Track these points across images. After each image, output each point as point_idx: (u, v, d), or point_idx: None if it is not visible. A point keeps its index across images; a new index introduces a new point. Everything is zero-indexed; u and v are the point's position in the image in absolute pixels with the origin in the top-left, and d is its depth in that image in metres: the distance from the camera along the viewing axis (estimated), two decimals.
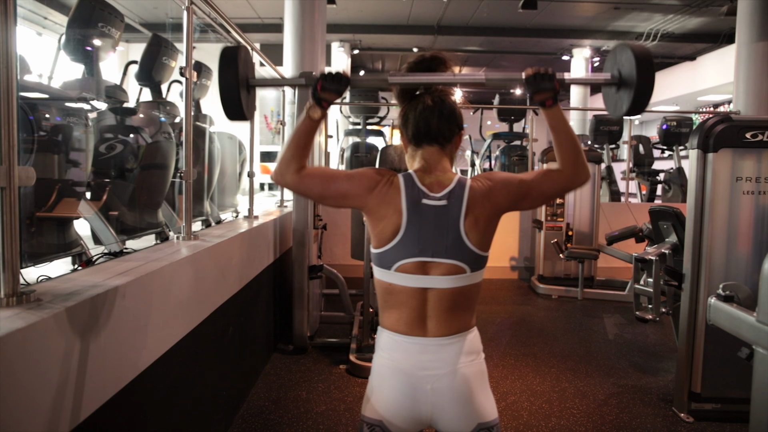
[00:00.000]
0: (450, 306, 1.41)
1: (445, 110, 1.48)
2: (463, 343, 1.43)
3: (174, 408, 2.10)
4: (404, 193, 1.41)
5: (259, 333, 3.60)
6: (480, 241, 1.40)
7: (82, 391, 1.42)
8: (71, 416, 1.38)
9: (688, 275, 3.09)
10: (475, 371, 1.43)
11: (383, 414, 1.43)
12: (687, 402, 3.11)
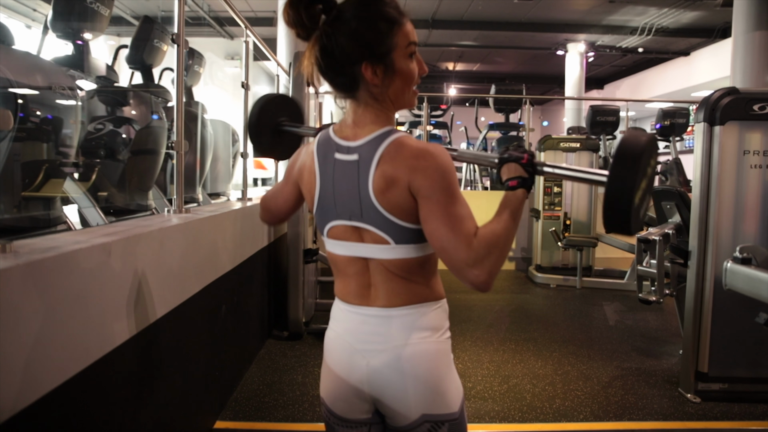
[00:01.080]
0: (393, 276, 1.19)
1: (330, 47, 1.13)
2: (416, 318, 1.19)
3: (163, 383, 1.99)
4: (316, 150, 1.21)
5: (253, 317, 3.50)
6: (397, 209, 1.13)
7: (55, 355, 1.31)
8: (38, 383, 1.25)
9: (694, 252, 3.01)
10: (429, 350, 1.19)
11: (325, 393, 1.26)
12: (694, 382, 3.03)
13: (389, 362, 1.18)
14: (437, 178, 1.09)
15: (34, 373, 1.21)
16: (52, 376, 1.28)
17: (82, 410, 1.43)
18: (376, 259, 1.18)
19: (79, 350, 1.39)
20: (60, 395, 1.30)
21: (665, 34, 11.70)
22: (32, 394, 1.21)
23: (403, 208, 1.13)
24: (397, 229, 1.15)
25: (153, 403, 1.90)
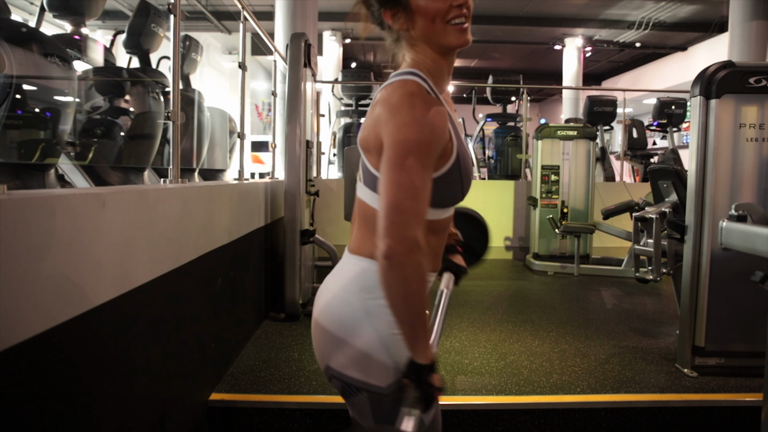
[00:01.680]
0: (360, 222, 1.20)
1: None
2: (355, 270, 1.17)
3: (157, 347, 1.98)
4: None
5: (249, 297, 3.49)
6: (366, 147, 1.13)
7: (42, 299, 1.30)
8: (19, 326, 1.23)
9: (690, 226, 3.01)
10: (352, 304, 1.15)
11: None
12: (691, 357, 3.03)
13: (319, 305, 1.21)
14: (390, 132, 1.04)
15: (16, 315, 1.21)
16: (34, 322, 1.27)
17: (66, 364, 1.41)
18: (357, 198, 1.21)
19: (69, 298, 1.39)
20: (42, 343, 1.29)
21: (662, 29, 11.73)
22: (11, 338, 1.20)
23: (369, 149, 1.12)
24: (364, 168, 1.16)
25: (147, 368, 1.89)
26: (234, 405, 2.58)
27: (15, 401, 1.18)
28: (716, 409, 2.68)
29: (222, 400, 2.59)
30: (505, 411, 2.61)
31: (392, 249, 1.00)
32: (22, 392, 1.20)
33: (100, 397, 1.55)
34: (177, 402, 2.18)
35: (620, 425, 2.63)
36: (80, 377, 1.45)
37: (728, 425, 2.67)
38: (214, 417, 2.55)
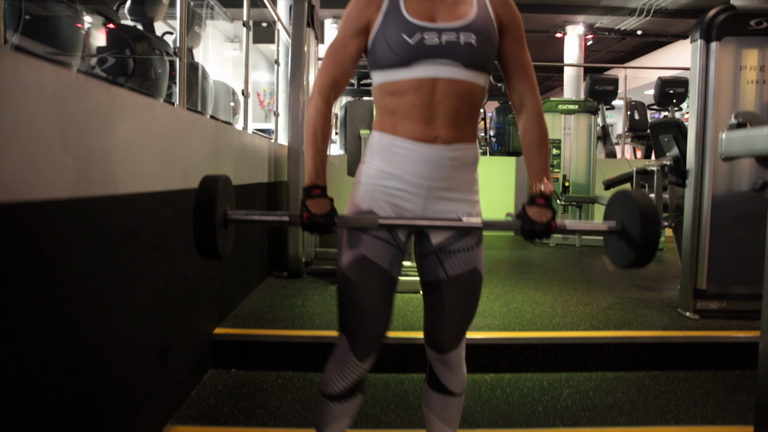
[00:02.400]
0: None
1: None
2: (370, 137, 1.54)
3: (157, 271, 1.99)
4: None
5: (253, 249, 3.52)
6: None
7: (51, 164, 1.32)
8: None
9: (692, 170, 3.03)
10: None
11: None
12: (692, 301, 3.05)
13: None
14: None
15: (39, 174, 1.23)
16: (53, 186, 1.29)
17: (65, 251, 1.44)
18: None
19: (74, 178, 1.40)
20: (53, 210, 1.31)
21: (664, 15, 11.74)
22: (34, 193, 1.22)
23: None
24: None
25: (144, 293, 1.91)
26: (237, 338, 2.60)
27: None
28: (717, 345, 2.70)
29: (226, 333, 2.62)
30: (508, 346, 2.62)
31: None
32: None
33: (110, 305, 1.57)
34: (181, 334, 2.20)
35: (622, 360, 2.65)
36: (94, 257, 1.47)
37: (728, 360, 2.68)
38: (218, 350, 2.57)
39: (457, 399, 1.65)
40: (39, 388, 1.24)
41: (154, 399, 1.91)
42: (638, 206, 1.41)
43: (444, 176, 1.48)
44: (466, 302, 1.54)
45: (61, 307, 1.33)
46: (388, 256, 1.47)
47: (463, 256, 1.50)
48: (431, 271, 1.52)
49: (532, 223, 1.42)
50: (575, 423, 2.13)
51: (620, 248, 1.48)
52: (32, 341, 1.21)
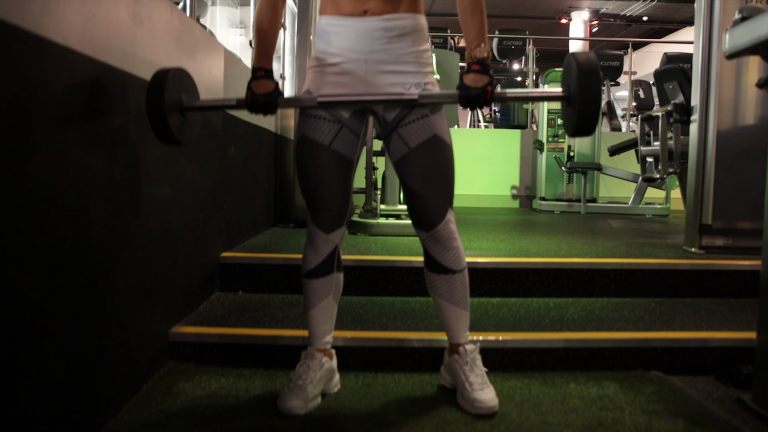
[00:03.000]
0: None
1: None
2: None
3: (167, 173, 2.01)
4: None
5: (259, 192, 3.54)
6: None
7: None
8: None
9: (697, 105, 3.03)
10: None
11: None
12: (698, 237, 3.05)
13: None
14: None
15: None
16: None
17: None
18: None
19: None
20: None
21: (670, 0, 11.73)
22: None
23: None
24: None
25: (157, 193, 1.93)
26: (245, 261, 2.62)
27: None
28: (722, 273, 2.70)
29: (233, 256, 2.64)
30: (514, 270, 2.64)
31: None
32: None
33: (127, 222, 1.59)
34: (189, 250, 2.22)
35: (628, 286, 2.66)
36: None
37: (734, 288, 2.68)
38: (225, 273, 2.59)
39: (458, 276, 1.69)
40: (57, 296, 1.26)
41: (162, 300, 1.93)
42: (578, 65, 1.37)
43: (380, 48, 1.55)
44: (435, 168, 1.59)
45: (69, 205, 1.35)
46: (327, 132, 1.58)
47: (419, 125, 1.57)
48: (395, 148, 1.60)
49: (467, 89, 1.44)
50: (581, 329, 2.14)
51: (569, 113, 1.46)
52: (49, 248, 1.23)
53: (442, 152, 1.60)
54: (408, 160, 1.59)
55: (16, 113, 1.12)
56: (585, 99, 1.35)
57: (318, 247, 1.66)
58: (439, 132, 1.59)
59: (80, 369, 1.39)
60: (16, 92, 1.11)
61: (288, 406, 1.58)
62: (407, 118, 1.57)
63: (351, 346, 1.98)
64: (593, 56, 1.41)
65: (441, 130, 1.60)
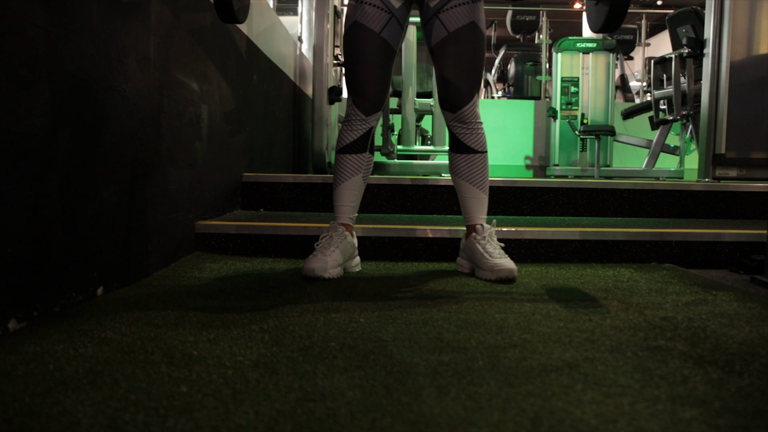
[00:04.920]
0: None
1: None
2: None
3: (190, 85, 2.09)
4: None
5: (279, 140, 3.61)
6: None
7: None
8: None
9: (710, 39, 3.07)
10: None
11: None
12: (712, 167, 3.08)
13: None
14: None
15: None
16: None
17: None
18: None
19: None
20: None
21: None
22: None
23: None
24: None
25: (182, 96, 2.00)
26: (267, 180, 2.69)
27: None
28: (737, 194, 2.73)
29: (255, 175, 2.71)
30: (529, 189, 2.68)
31: None
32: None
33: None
34: (214, 164, 2.29)
35: (642, 206, 2.69)
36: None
37: (747, 209, 2.71)
38: (247, 191, 2.66)
39: (479, 156, 1.76)
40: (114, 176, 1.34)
41: (188, 199, 2.00)
42: None
43: None
44: (468, 54, 1.71)
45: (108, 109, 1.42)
46: (379, 19, 1.68)
47: (460, 10, 1.68)
48: (435, 32, 1.71)
49: None
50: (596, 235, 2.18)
51: (598, 9, 1.61)
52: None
53: (477, 40, 1.71)
54: (445, 45, 1.70)
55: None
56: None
57: (355, 127, 1.76)
58: (476, 20, 1.70)
59: (115, 227, 1.46)
60: None
61: (312, 267, 1.65)
62: (450, 2, 1.67)
63: (371, 237, 2.04)
64: None
65: (479, 19, 1.71)
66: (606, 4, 1.56)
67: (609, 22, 1.58)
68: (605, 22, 1.58)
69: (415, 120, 3.72)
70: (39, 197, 1.13)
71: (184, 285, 1.57)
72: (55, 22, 1.17)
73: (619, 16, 1.57)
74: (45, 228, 1.16)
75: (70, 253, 1.25)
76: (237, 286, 1.57)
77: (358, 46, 1.70)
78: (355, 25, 1.70)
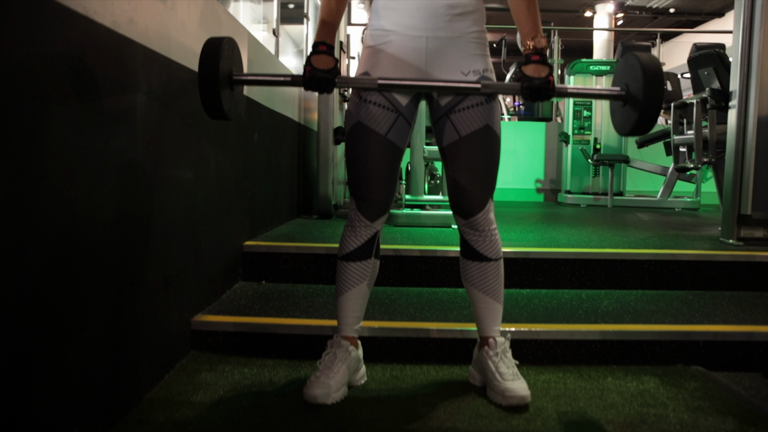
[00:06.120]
0: None
1: None
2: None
3: (190, 155, 1.96)
4: None
5: (283, 183, 3.49)
6: None
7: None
8: None
9: (736, 91, 2.91)
10: None
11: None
12: (736, 228, 2.93)
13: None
14: None
15: None
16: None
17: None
18: None
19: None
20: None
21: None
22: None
23: None
24: None
25: (181, 177, 1.88)
26: (269, 250, 2.57)
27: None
28: (764, 264, 2.58)
29: (257, 245, 2.59)
30: (544, 260, 2.55)
31: None
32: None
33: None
34: (212, 238, 2.17)
35: (664, 278, 2.55)
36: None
37: None
38: (248, 262, 2.54)
39: (493, 264, 1.63)
40: (84, 281, 1.22)
41: (185, 286, 1.89)
42: (641, 65, 1.38)
43: (442, 26, 1.52)
44: (481, 162, 1.57)
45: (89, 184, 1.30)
46: (385, 121, 1.54)
47: (472, 113, 1.53)
48: (445, 134, 1.57)
49: (531, 80, 1.42)
50: (617, 321, 2.05)
51: (625, 114, 1.49)
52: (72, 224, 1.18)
53: (491, 144, 1.57)
54: (457, 149, 1.56)
55: (30, 85, 1.07)
56: (649, 102, 1.37)
57: (359, 233, 1.63)
58: (491, 122, 1.56)
59: (102, 358, 1.34)
60: (29, 62, 1.06)
61: (314, 394, 1.53)
62: (461, 104, 1.53)
63: (378, 337, 1.92)
64: (656, 58, 1.42)
65: (493, 121, 1.56)
66: (635, 110, 1.44)
67: (638, 129, 1.46)
68: (633, 128, 1.46)
69: (423, 169, 3.59)
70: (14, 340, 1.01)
71: (177, 420, 1.45)
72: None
73: (650, 122, 1.45)
74: (20, 377, 1.04)
75: (47, 407, 1.13)
76: (231, 420, 1.45)
77: (362, 149, 1.57)
78: (359, 126, 1.56)
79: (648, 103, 1.39)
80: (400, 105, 1.55)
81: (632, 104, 1.44)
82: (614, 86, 1.53)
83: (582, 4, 12.64)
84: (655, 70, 1.39)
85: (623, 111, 1.51)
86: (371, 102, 1.54)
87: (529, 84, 1.42)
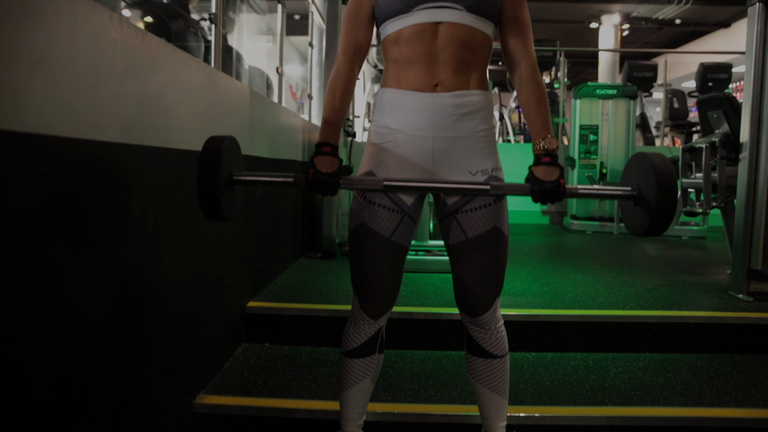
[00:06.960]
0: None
1: None
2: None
3: (190, 235, 1.93)
4: None
5: (287, 227, 3.46)
6: None
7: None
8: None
9: (746, 142, 2.86)
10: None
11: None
12: (746, 282, 2.88)
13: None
14: None
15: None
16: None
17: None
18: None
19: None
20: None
21: (704, 3, 11.36)
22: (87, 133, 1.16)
23: None
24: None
25: (181, 253, 1.85)
26: (271, 312, 2.54)
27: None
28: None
29: (260, 306, 2.56)
30: (551, 323, 2.51)
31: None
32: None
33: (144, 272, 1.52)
34: (214, 304, 2.14)
35: (672, 341, 2.52)
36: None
37: None
38: (252, 323, 2.52)
39: (499, 361, 1.59)
40: (72, 354, 1.19)
41: (186, 369, 1.86)
42: (654, 169, 1.36)
43: (449, 126, 1.46)
44: (489, 264, 1.52)
45: (89, 264, 1.27)
46: (389, 223, 1.49)
47: (480, 215, 1.48)
48: (451, 233, 1.52)
49: (541, 183, 1.39)
50: (625, 402, 2.01)
51: (636, 215, 1.45)
52: (67, 300, 1.16)
53: (499, 246, 1.51)
54: (463, 250, 1.51)
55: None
56: (663, 208, 1.35)
57: (362, 330, 1.59)
58: (499, 224, 1.50)
59: None
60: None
61: None
62: (468, 204, 1.48)
63: (382, 421, 1.89)
64: (668, 161, 1.39)
65: (501, 222, 1.51)
66: (648, 215, 1.40)
67: (651, 232, 1.42)
68: (647, 232, 1.42)
69: (429, 214, 3.55)
70: None
71: None
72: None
73: (664, 226, 1.41)
74: None
75: None
76: None
77: (366, 252, 1.52)
78: (363, 227, 1.51)
79: (662, 209, 1.37)
80: (406, 205, 1.51)
81: (644, 207, 1.41)
82: (624, 185, 1.49)
83: (587, 16, 12.56)
84: (669, 175, 1.36)
85: (635, 211, 1.47)
86: (376, 204, 1.49)
87: (540, 187, 1.39)
